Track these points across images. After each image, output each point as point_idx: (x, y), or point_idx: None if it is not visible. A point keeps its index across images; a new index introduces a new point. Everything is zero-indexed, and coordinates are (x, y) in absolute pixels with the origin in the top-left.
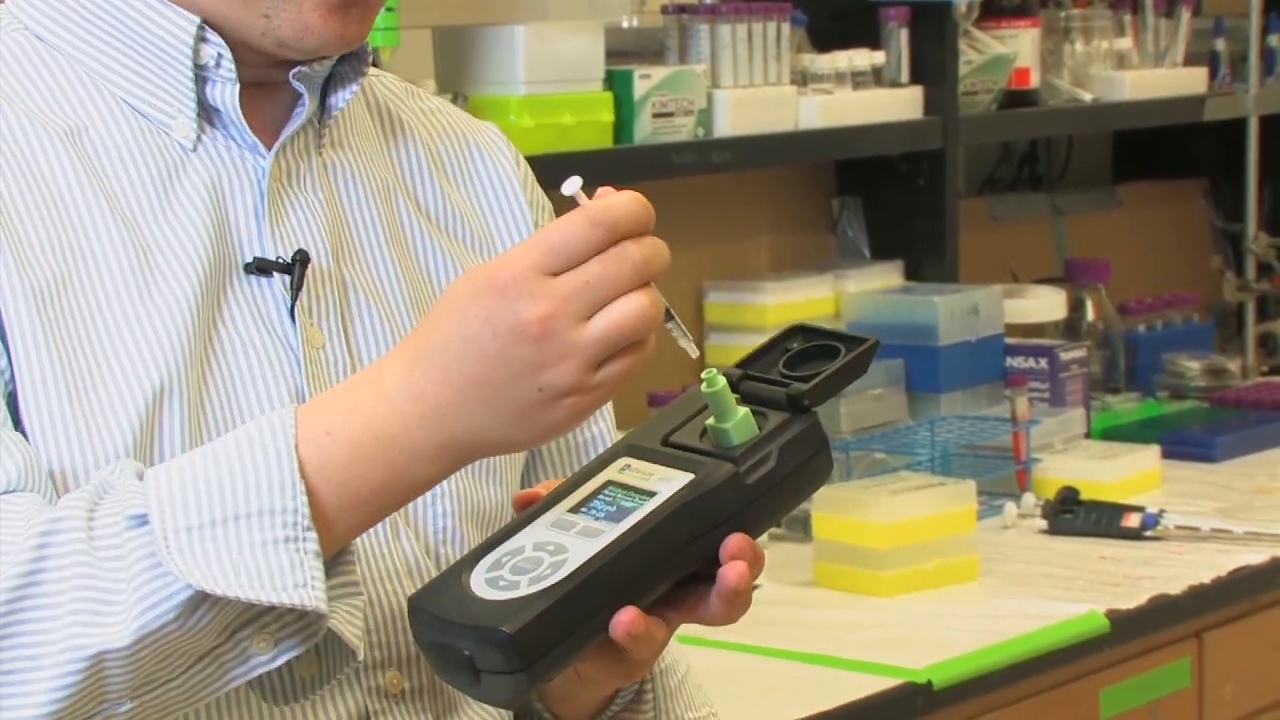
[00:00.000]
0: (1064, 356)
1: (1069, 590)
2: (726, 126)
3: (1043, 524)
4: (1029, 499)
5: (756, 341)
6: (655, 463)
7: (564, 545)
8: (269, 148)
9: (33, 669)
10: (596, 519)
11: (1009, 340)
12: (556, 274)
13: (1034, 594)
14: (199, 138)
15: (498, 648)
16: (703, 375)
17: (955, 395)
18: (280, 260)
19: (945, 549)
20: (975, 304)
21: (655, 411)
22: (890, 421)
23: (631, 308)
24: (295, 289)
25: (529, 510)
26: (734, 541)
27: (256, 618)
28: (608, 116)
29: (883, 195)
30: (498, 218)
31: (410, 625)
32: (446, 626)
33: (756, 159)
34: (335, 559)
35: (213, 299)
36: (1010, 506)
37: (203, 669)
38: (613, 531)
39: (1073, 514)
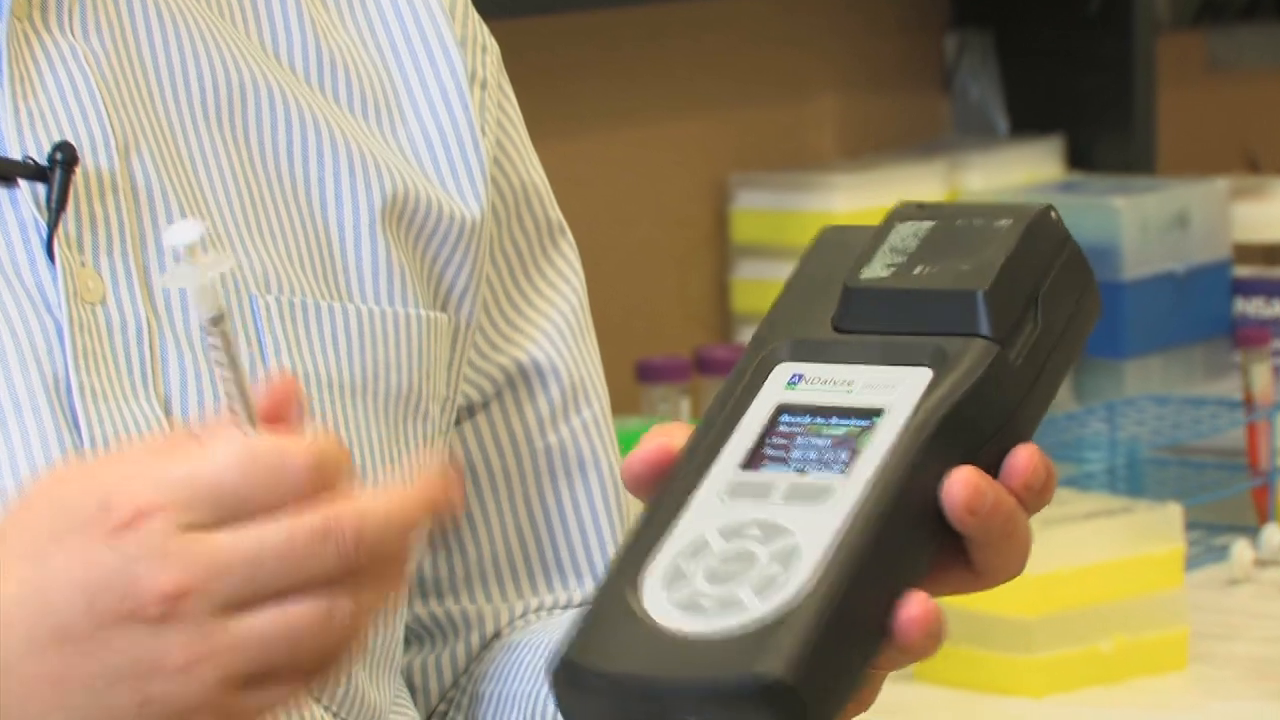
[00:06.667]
0: None
1: None
2: None
3: None
4: (1273, 534)
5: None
6: (848, 362)
7: (778, 524)
8: None
9: None
10: (803, 471)
11: (1240, 272)
12: (209, 527)
13: (1278, 691)
14: None
15: (768, 705)
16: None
17: (1150, 362)
18: (29, 161)
19: (1133, 618)
20: (1184, 210)
21: (783, 287)
22: None
23: (319, 613)
24: (55, 208)
25: (668, 480)
26: (1023, 455)
27: None
28: None
29: (1028, 30)
30: (407, 65)
31: (566, 704)
32: (656, 690)
33: None
34: None
35: None
36: (1242, 548)
37: None
38: (849, 486)
39: None
